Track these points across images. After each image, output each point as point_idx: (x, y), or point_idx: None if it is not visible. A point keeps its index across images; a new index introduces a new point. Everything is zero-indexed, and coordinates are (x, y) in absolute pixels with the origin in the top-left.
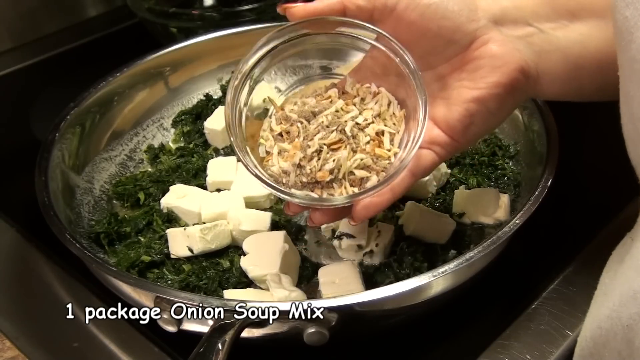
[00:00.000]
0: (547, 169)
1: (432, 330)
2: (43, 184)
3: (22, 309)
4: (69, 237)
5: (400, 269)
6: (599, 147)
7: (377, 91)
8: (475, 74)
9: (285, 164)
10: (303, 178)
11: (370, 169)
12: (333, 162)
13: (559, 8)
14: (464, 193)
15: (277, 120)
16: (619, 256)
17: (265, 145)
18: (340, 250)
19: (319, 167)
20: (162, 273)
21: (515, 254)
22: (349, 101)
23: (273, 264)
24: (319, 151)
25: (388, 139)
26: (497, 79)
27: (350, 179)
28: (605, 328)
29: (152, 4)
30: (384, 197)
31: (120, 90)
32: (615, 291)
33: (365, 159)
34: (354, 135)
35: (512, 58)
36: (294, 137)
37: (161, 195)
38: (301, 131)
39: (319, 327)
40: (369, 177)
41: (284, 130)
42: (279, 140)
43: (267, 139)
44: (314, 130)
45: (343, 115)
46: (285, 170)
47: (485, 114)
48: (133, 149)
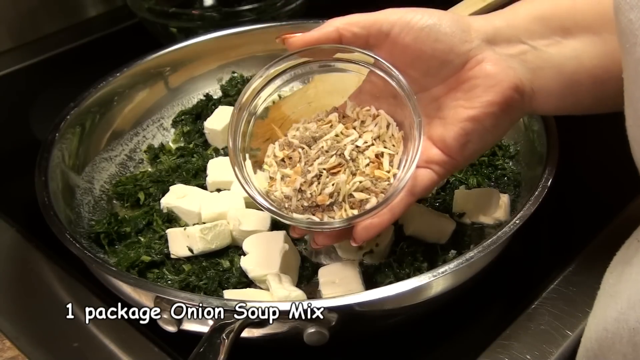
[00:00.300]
0: (547, 169)
1: (432, 330)
2: (43, 184)
3: (22, 309)
4: (69, 237)
5: (400, 269)
6: (599, 147)
7: (376, 113)
8: (470, 94)
9: (287, 189)
10: (304, 202)
11: (370, 190)
12: (332, 186)
13: (551, 25)
14: (464, 193)
15: (280, 146)
16: (626, 257)
17: (269, 171)
18: (340, 250)
19: (319, 192)
20: (162, 273)
21: (515, 254)
22: (348, 125)
23: (273, 264)
24: (319, 176)
25: (387, 161)
26: (491, 98)
27: (350, 201)
28: (612, 330)
29: (152, 4)
30: (384, 218)
31: (120, 90)
32: (623, 294)
33: (364, 182)
34: (354, 158)
35: (506, 77)
36: (296, 162)
37: (161, 195)
38: (302, 156)
39: (319, 327)
40: (368, 199)
41: (286, 156)
42: (281, 165)
43: (271, 165)
44: (315, 155)
45: (343, 139)
46: (287, 195)
47: (481, 132)
48: (133, 149)
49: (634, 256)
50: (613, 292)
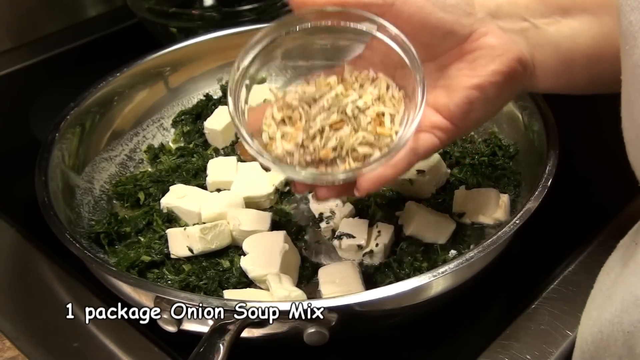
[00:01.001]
0: (547, 169)
1: (432, 330)
2: (43, 184)
3: (22, 309)
4: (69, 237)
5: (400, 269)
6: (599, 147)
7: (375, 76)
8: (475, 63)
9: (288, 145)
10: (307, 157)
11: (373, 145)
12: (336, 140)
13: (551, 4)
14: (464, 193)
15: (278, 108)
16: (622, 259)
17: (267, 132)
18: (340, 250)
19: (322, 146)
20: (162, 273)
21: (515, 254)
22: (348, 87)
23: (273, 264)
24: (322, 131)
25: (389, 119)
26: (496, 67)
27: (353, 156)
28: (607, 333)
29: (152, 4)
30: (387, 171)
31: (120, 90)
32: (617, 295)
33: (367, 136)
34: (355, 116)
35: (510, 48)
36: (296, 120)
37: (161, 195)
38: (303, 115)
39: (319, 327)
40: (371, 153)
41: (286, 116)
42: (281, 125)
43: (270, 126)
44: (316, 113)
45: (343, 99)
46: (289, 151)
47: (484, 101)
48: (133, 149)
49: (630, 258)
50: (609, 293)
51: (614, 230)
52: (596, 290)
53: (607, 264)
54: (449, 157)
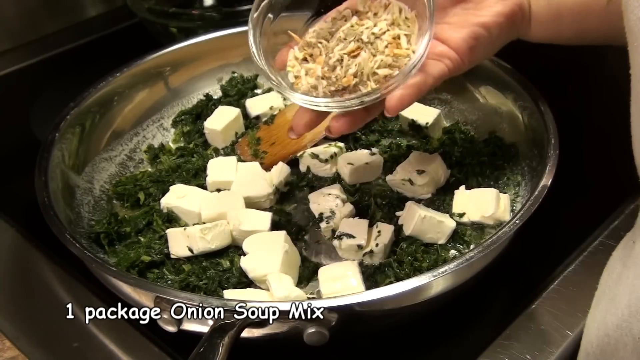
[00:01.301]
0: (547, 168)
1: (432, 330)
2: (43, 184)
3: (22, 309)
4: (69, 237)
5: (400, 269)
6: (599, 147)
7: (387, 2)
8: (481, 4)
9: (311, 79)
10: (331, 87)
11: (392, 66)
12: (355, 67)
13: None
14: (464, 193)
15: (299, 48)
16: (622, 258)
17: (292, 71)
18: (340, 250)
19: (343, 74)
20: (162, 273)
21: (515, 254)
22: (362, 16)
23: (273, 264)
24: (341, 60)
25: (405, 40)
26: (501, 9)
27: (375, 79)
28: (614, 337)
29: (152, 4)
30: (410, 90)
31: (120, 90)
32: (622, 299)
33: (385, 59)
34: (372, 42)
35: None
36: (317, 56)
37: (161, 195)
38: (322, 50)
39: (319, 327)
40: (391, 74)
41: (307, 54)
42: (304, 64)
43: (294, 66)
44: (334, 45)
45: (359, 28)
46: (313, 85)
47: (487, 39)
48: (133, 149)
49: (628, 257)
50: (612, 295)
51: (613, 230)
52: (600, 292)
53: (609, 263)
54: (449, 157)
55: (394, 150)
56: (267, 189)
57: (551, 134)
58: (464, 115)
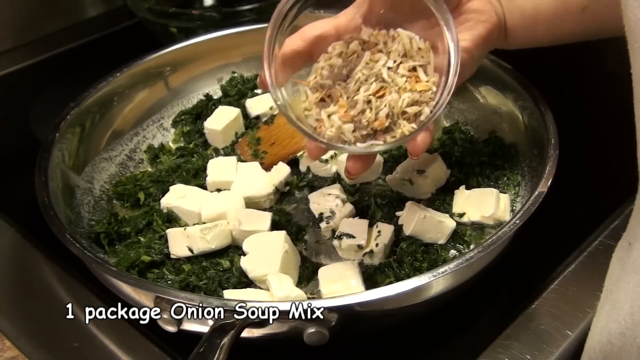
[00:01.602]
0: (547, 169)
1: (432, 330)
2: (43, 184)
3: (22, 309)
4: (69, 237)
5: (400, 269)
6: (599, 147)
7: (395, 34)
8: (463, 26)
9: (340, 123)
10: (362, 131)
11: (420, 102)
12: (386, 108)
13: None
14: (464, 193)
15: (311, 90)
16: (620, 261)
17: (312, 115)
18: (340, 250)
19: (374, 117)
20: (162, 273)
21: (515, 254)
22: (374, 50)
23: (273, 264)
24: (368, 102)
25: (422, 72)
26: (480, 32)
27: (405, 117)
28: (618, 345)
29: (152, 4)
30: (427, 134)
31: (120, 90)
32: (624, 305)
33: (413, 96)
34: (393, 79)
35: (492, 13)
36: (337, 98)
37: (161, 195)
38: (342, 92)
39: (319, 327)
40: (420, 110)
41: (324, 96)
42: (322, 107)
43: (311, 109)
44: (355, 87)
45: (375, 65)
46: (343, 129)
47: (470, 61)
48: (133, 149)
49: (627, 261)
50: (613, 300)
51: (613, 230)
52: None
53: (611, 266)
54: (449, 157)
55: (394, 150)
56: (267, 189)
57: (551, 134)
58: (464, 115)
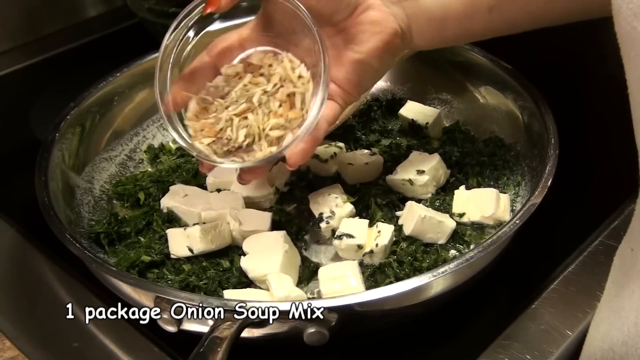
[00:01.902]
0: (547, 169)
1: (432, 330)
2: (43, 184)
3: (22, 309)
4: (69, 237)
5: (400, 269)
6: (599, 147)
7: (282, 59)
8: (357, 38)
9: (206, 139)
10: (224, 147)
11: (285, 127)
12: (245, 129)
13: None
14: (464, 193)
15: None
16: (622, 267)
17: (192, 126)
18: (340, 250)
19: (235, 136)
20: (162, 273)
21: (515, 254)
22: (256, 73)
23: (273, 264)
24: (231, 121)
25: (299, 100)
26: (375, 44)
27: (268, 140)
28: (620, 354)
29: (152, 4)
30: (309, 144)
31: (120, 90)
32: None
33: (279, 120)
34: (264, 102)
35: (388, 23)
36: (212, 112)
37: (161, 195)
38: (218, 107)
39: (319, 327)
40: (283, 135)
41: (202, 109)
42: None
43: (191, 119)
44: (226, 105)
45: (252, 88)
46: (208, 143)
47: (369, 71)
48: (133, 149)
49: (631, 267)
50: (616, 307)
51: (613, 230)
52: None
53: (612, 270)
54: (449, 157)
55: (394, 150)
56: (267, 189)
57: (551, 134)
58: (464, 115)
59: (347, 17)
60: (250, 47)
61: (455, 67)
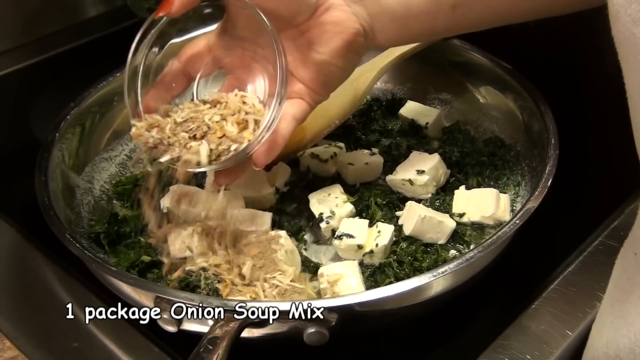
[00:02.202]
0: (547, 169)
1: (432, 330)
2: (43, 184)
3: (22, 309)
4: (69, 237)
5: (400, 269)
6: (599, 147)
7: (236, 94)
8: (320, 39)
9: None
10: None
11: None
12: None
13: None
14: (464, 193)
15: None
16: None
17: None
18: (340, 250)
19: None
20: (162, 273)
21: (515, 254)
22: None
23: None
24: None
25: (252, 125)
26: (337, 45)
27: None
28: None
29: (152, 4)
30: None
31: (120, 90)
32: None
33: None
34: (217, 120)
35: (350, 23)
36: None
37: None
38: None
39: (319, 327)
40: (227, 149)
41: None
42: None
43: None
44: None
45: (206, 113)
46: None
47: (335, 71)
48: (133, 149)
49: (635, 272)
50: (620, 312)
51: (613, 230)
52: (605, 304)
53: (613, 274)
54: (449, 157)
55: (394, 150)
56: (267, 189)
57: (551, 134)
58: (464, 115)
59: (308, 19)
60: (218, 51)
61: (455, 67)
